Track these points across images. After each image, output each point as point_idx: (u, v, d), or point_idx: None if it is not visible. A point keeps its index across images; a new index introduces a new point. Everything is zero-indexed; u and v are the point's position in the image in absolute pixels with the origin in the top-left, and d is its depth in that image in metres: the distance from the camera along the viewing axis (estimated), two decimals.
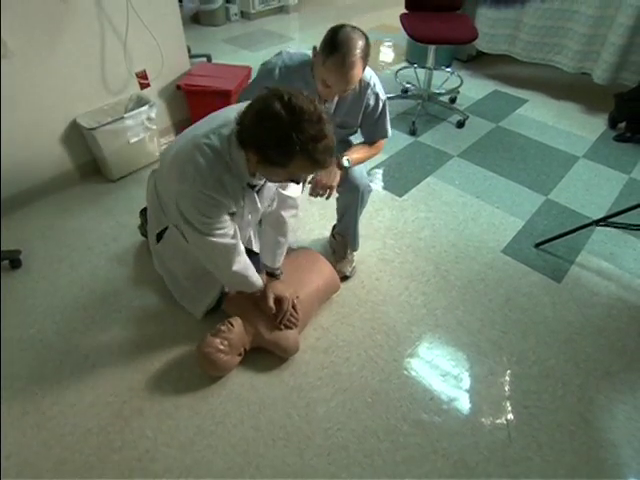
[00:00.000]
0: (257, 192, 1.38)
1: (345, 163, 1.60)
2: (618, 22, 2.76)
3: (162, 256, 1.68)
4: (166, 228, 1.59)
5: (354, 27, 1.37)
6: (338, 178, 1.59)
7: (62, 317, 1.74)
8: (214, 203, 1.25)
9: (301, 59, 1.51)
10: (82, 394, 1.50)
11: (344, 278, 1.90)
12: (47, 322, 1.72)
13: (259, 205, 1.42)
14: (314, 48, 1.42)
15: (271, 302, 1.53)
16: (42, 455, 1.35)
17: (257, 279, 1.53)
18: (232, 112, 1.25)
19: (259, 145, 1.11)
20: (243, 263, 1.44)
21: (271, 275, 1.64)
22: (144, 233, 1.98)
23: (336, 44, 1.33)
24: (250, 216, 1.46)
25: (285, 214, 1.57)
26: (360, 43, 1.34)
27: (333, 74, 1.36)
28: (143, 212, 1.95)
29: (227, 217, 1.32)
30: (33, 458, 1.34)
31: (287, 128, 1.05)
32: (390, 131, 1.72)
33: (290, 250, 1.76)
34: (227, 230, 1.33)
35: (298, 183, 1.36)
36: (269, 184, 1.41)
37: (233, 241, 1.36)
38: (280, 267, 1.64)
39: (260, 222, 1.64)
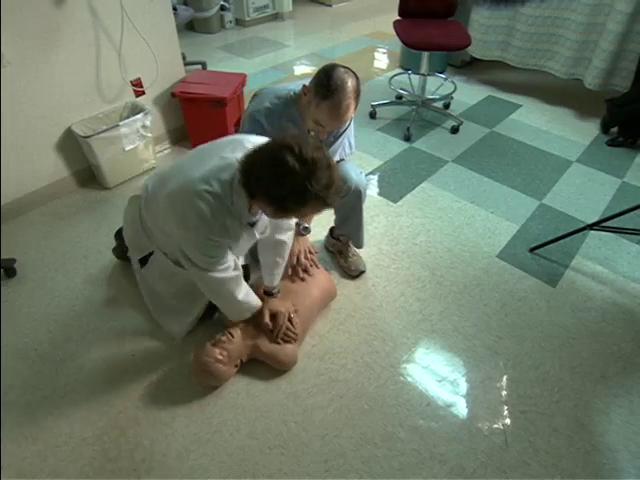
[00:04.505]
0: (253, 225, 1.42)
1: (305, 232, 1.72)
2: (608, 29, 2.80)
3: (146, 278, 1.69)
4: (150, 253, 1.61)
5: (345, 67, 1.42)
6: (308, 241, 1.76)
7: (57, 326, 1.73)
8: (218, 245, 1.30)
9: (285, 98, 1.54)
10: (77, 404, 1.49)
11: (357, 275, 1.95)
12: (42, 331, 1.71)
13: (256, 238, 1.46)
14: (304, 86, 1.45)
15: (267, 318, 1.54)
16: (36, 466, 1.33)
17: (257, 302, 1.55)
18: (227, 151, 1.28)
19: (274, 199, 1.14)
20: (245, 290, 1.48)
21: (268, 294, 1.65)
22: (119, 255, 1.95)
23: (331, 88, 1.36)
24: (246, 247, 1.52)
25: (282, 237, 1.60)
26: (353, 84, 1.39)
27: (328, 116, 1.41)
28: (118, 234, 1.90)
29: (228, 252, 1.37)
30: (27, 469, 1.33)
31: (303, 180, 1.08)
32: (354, 148, 1.75)
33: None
34: (229, 264, 1.38)
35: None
36: (264, 217, 1.43)
37: (235, 273, 1.41)
38: (277, 286, 1.66)
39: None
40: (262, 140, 1.24)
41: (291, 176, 1.08)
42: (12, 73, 1.95)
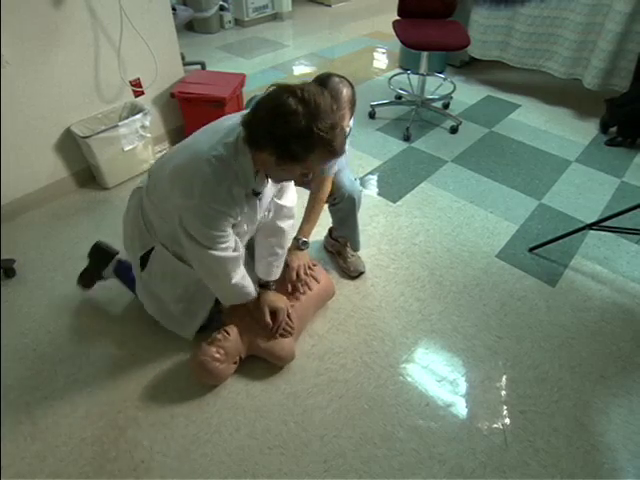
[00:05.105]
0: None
1: (304, 246, 1.68)
2: (607, 29, 2.80)
3: (148, 282, 1.60)
4: (151, 250, 1.53)
5: (340, 76, 1.41)
6: (307, 256, 1.71)
7: (56, 326, 1.73)
8: (221, 216, 1.25)
9: None
10: (76, 404, 1.49)
11: (356, 276, 1.95)
12: (41, 331, 1.71)
13: (258, 215, 1.41)
14: None
15: (267, 317, 1.52)
16: (36, 466, 1.33)
17: (252, 289, 1.52)
18: (232, 120, 1.25)
19: (278, 142, 1.10)
20: (241, 274, 1.44)
21: (263, 286, 1.60)
22: (85, 281, 1.80)
23: None
24: (246, 226, 1.44)
25: (282, 224, 1.57)
26: (348, 94, 1.39)
27: None
28: (93, 253, 1.79)
29: (230, 229, 1.32)
30: (26, 470, 1.33)
31: (307, 121, 1.05)
32: (349, 158, 1.73)
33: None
34: (229, 243, 1.33)
35: (308, 179, 1.35)
36: (267, 192, 1.40)
37: (235, 254, 1.36)
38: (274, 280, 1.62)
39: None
40: None
41: (294, 116, 1.05)
42: (11, 73, 1.95)
